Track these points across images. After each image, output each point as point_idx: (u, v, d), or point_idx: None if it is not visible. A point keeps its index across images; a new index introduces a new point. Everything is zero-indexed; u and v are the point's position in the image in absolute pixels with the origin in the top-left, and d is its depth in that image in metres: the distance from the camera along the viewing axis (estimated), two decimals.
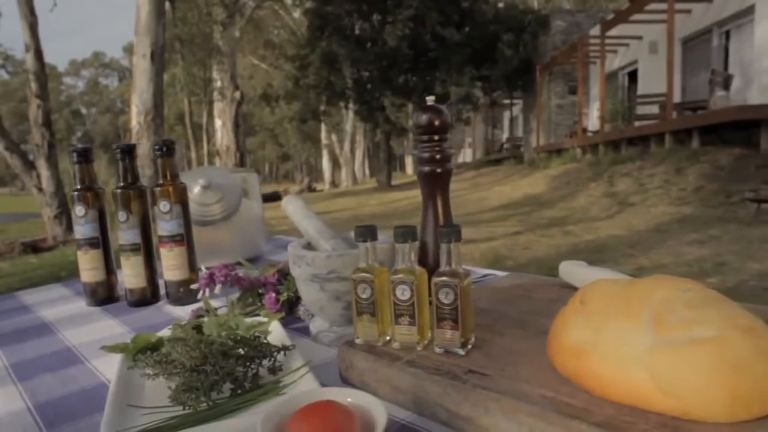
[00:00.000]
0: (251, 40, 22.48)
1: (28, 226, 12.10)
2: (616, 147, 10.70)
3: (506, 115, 22.48)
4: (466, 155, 27.86)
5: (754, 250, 4.45)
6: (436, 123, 0.64)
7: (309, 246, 0.67)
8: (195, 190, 0.97)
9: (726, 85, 8.96)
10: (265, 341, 0.54)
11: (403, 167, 40.35)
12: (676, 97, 10.59)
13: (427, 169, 0.66)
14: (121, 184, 0.86)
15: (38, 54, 9.15)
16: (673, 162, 8.34)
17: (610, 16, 11.62)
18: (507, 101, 20.09)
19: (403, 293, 0.49)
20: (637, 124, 10.90)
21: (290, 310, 0.74)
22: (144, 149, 8.16)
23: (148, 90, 8.05)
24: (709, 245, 4.70)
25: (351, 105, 17.64)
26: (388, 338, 0.52)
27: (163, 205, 0.83)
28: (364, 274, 0.51)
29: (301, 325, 0.72)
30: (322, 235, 0.65)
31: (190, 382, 0.49)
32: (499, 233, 6.42)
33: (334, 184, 28.89)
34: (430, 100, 0.65)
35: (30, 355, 0.69)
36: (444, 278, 0.47)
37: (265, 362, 0.53)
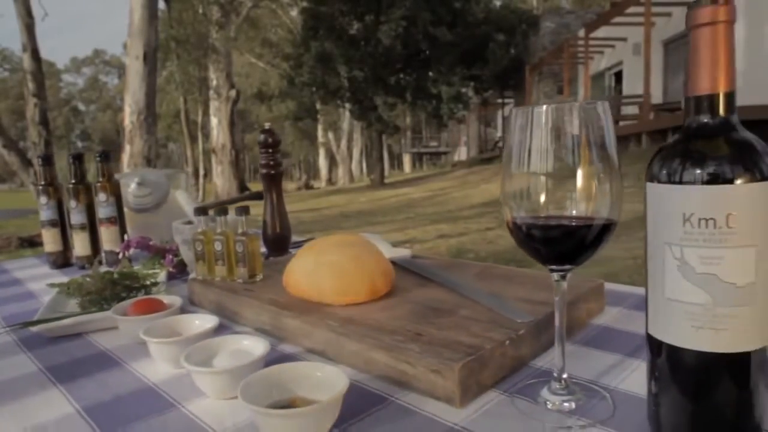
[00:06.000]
0: (248, 39, 22.76)
1: (27, 222, 12.39)
2: None
3: (500, 113, 22.82)
4: (461, 153, 28.14)
5: None
6: (270, 140, 0.98)
7: (190, 222, 1.01)
8: (132, 186, 1.30)
9: None
10: (144, 279, 0.87)
11: (401, 165, 40.69)
12: (659, 99, 10.92)
13: (264, 171, 0.99)
14: (73, 181, 1.19)
15: (35, 54, 9.43)
16: (647, 161, 8.64)
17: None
18: (499, 101, 20.43)
19: (218, 246, 0.82)
20: (621, 123, 11.23)
21: (183, 268, 1.07)
22: (138, 148, 8.48)
23: (141, 90, 8.35)
24: None
25: (346, 104, 17.95)
26: (216, 276, 0.86)
27: (102, 197, 1.17)
28: (199, 236, 0.84)
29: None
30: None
31: (92, 299, 0.82)
32: (472, 229, 6.76)
33: (330, 181, 29.21)
34: (267, 125, 0.98)
35: (3, 296, 1.02)
36: (238, 237, 0.81)
37: (142, 291, 0.86)
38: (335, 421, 0.46)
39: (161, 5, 13.84)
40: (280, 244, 1.00)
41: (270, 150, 0.97)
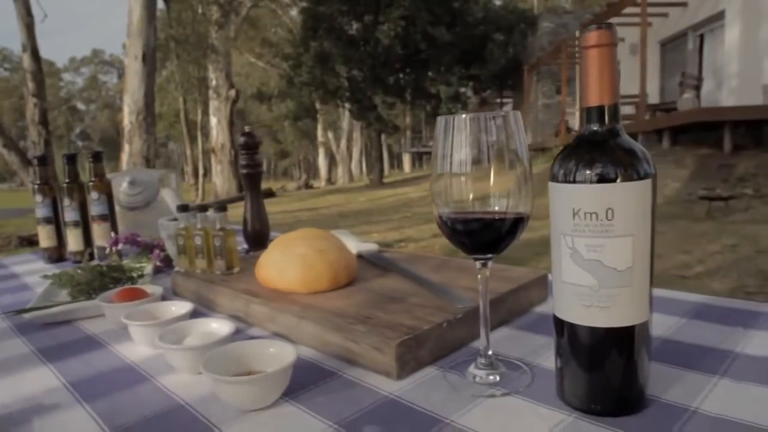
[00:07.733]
0: (248, 39, 22.82)
1: (26, 221, 12.45)
2: None
3: None
4: None
5: (689, 244, 4.85)
6: (250, 142, 1.05)
7: (176, 219, 1.07)
8: (123, 185, 1.37)
9: (696, 87, 9.32)
10: (130, 271, 0.94)
11: (400, 165, 40.75)
12: (655, 98, 10.98)
13: (245, 171, 1.06)
14: (67, 180, 1.26)
15: (35, 54, 9.48)
16: None
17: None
18: (498, 100, 20.49)
19: (198, 240, 0.89)
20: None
21: (169, 262, 1.14)
22: (137, 147, 8.54)
23: (140, 90, 8.42)
24: None
25: (345, 104, 18.01)
26: (197, 269, 0.92)
27: (94, 195, 1.23)
28: (181, 231, 0.91)
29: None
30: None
31: (81, 289, 0.89)
32: None
33: (330, 181, 29.25)
34: (246, 127, 1.05)
35: (1, 288, 1.09)
36: (215, 232, 0.87)
37: (128, 282, 0.93)
38: (285, 390, 0.53)
39: (160, 5, 13.90)
40: (258, 239, 1.07)
41: (250, 151, 1.04)
